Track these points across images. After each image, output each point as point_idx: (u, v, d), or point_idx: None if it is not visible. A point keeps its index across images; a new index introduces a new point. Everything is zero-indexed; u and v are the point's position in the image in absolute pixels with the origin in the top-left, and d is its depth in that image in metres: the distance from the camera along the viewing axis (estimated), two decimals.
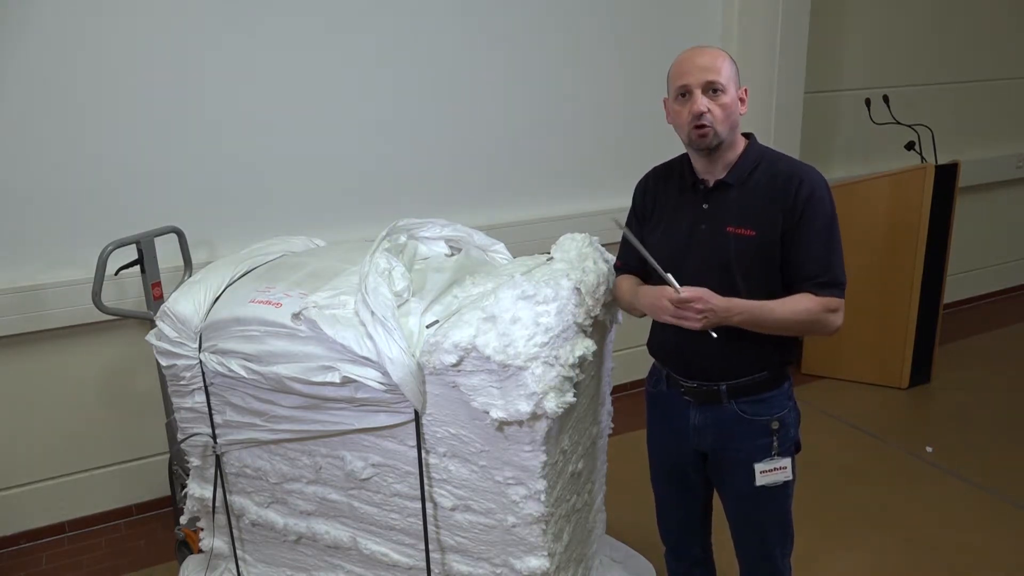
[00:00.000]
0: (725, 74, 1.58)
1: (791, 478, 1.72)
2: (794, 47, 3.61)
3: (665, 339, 1.76)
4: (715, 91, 1.58)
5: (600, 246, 1.97)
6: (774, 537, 1.78)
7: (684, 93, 1.62)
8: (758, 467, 1.69)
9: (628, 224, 1.84)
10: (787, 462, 1.71)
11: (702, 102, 1.58)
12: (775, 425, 1.69)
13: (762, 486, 1.70)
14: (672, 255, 1.66)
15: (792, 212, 1.58)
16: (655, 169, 1.88)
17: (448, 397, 1.65)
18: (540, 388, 1.53)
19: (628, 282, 1.82)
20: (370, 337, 1.65)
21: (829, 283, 1.59)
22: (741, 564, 1.86)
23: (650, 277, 1.74)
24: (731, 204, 1.64)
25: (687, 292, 1.54)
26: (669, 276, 1.57)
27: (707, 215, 1.66)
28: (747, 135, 1.70)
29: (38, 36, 2.49)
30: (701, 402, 1.72)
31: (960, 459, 3.14)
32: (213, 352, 1.92)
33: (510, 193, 3.41)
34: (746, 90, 1.66)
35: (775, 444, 1.70)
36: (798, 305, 1.58)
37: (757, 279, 1.61)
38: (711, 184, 1.67)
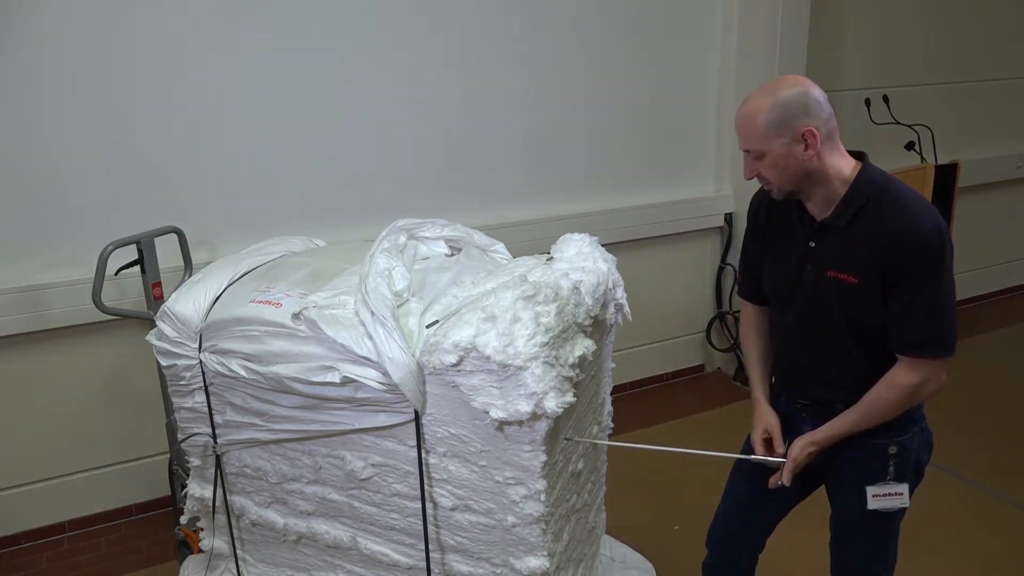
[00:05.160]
0: (756, 138, 1.48)
1: (907, 505, 1.62)
2: (794, 47, 3.61)
3: (780, 359, 1.75)
4: (756, 157, 1.51)
5: (600, 246, 1.97)
6: (873, 559, 1.72)
7: None
8: (870, 490, 1.61)
9: (744, 242, 1.81)
10: (904, 488, 1.61)
11: (748, 169, 1.54)
12: (892, 449, 1.60)
13: (873, 510, 1.62)
14: (779, 294, 1.66)
15: (893, 268, 1.45)
16: None
17: (448, 397, 1.65)
18: (540, 388, 1.53)
19: (748, 322, 1.82)
20: (370, 337, 1.65)
21: (933, 345, 1.48)
22: None
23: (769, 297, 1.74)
24: (836, 245, 1.52)
25: (786, 479, 1.61)
26: (769, 459, 1.66)
27: (813, 255, 1.57)
28: (860, 156, 1.55)
29: (38, 36, 2.49)
30: (816, 416, 1.67)
31: (960, 459, 3.14)
32: (213, 352, 1.92)
33: (510, 193, 3.40)
34: (805, 132, 1.45)
35: (891, 468, 1.61)
36: (881, 398, 1.52)
37: (868, 331, 1.53)
38: (817, 222, 1.56)
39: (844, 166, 1.52)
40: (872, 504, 1.62)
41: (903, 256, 1.43)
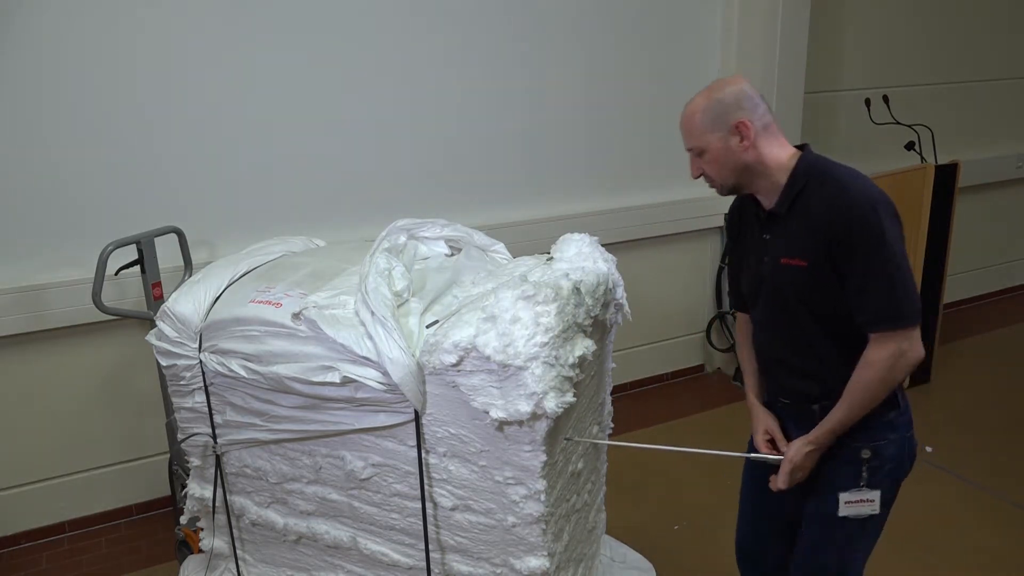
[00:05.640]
0: (695, 134, 1.55)
1: (876, 512, 1.59)
2: (794, 47, 3.61)
3: (760, 357, 1.75)
4: (698, 154, 1.57)
5: (600, 246, 1.97)
6: (827, 572, 1.67)
7: None
8: (843, 497, 1.59)
9: (726, 247, 1.84)
10: (875, 495, 1.58)
11: (693, 168, 1.60)
12: (866, 454, 1.57)
13: (844, 516, 1.60)
14: (750, 292, 1.68)
15: (840, 244, 1.46)
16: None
17: (448, 397, 1.65)
18: (540, 388, 1.53)
19: (741, 331, 1.82)
20: (370, 337, 1.65)
21: (893, 317, 1.46)
22: None
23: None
24: (784, 233, 1.56)
25: (780, 482, 1.61)
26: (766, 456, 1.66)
27: (768, 246, 1.60)
28: (801, 147, 1.58)
29: (38, 36, 2.49)
30: (795, 417, 1.67)
31: (960, 459, 3.14)
32: (213, 352, 1.92)
33: (510, 193, 3.40)
34: (739, 124, 1.51)
35: (864, 474, 1.57)
36: (861, 379, 1.50)
37: (828, 314, 1.53)
38: (766, 213, 1.60)
39: (782, 155, 1.55)
40: (843, 511, 1.59)
41: (844, 234, 1.45)
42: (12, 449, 2.75)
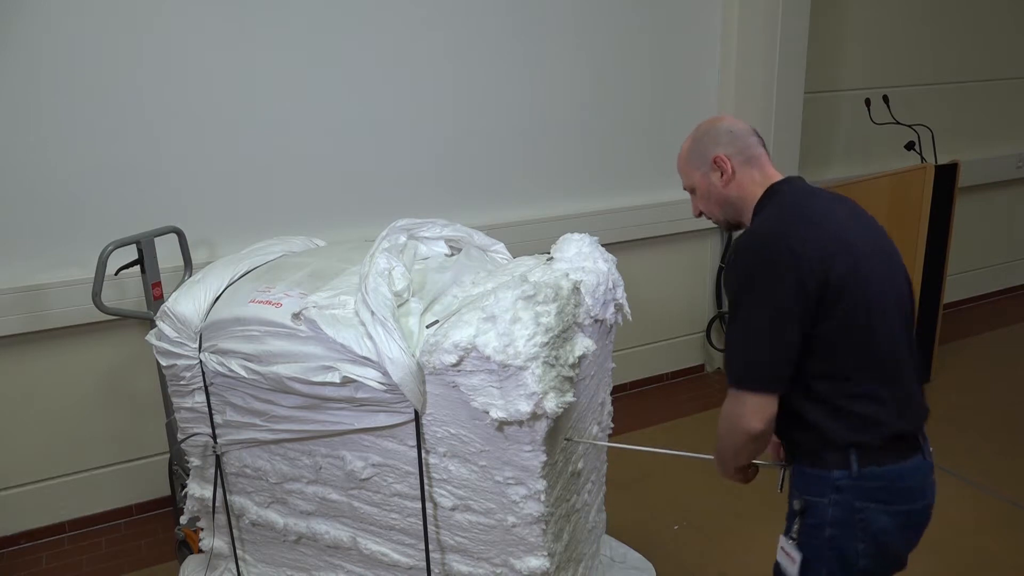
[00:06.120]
0: (685, 173, 1.58)
1: None
2: (794, 47, 3.61)
3: None
4: (691, 192, 1.60)
5: (600, 246, 1.97)
6: None
7: None
8: (781, 539, 1.49)
9: None
10: (797, 558, 1.43)
11: (693, 207, 1.61)
12: (797, 505, 1.44)
13: (776, 561, 1.51)
14: None
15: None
16: None
17: (448, 397, 1.65)
18: (540, 388, 1.53)
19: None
20: (370, 337, 1.65)
21: (728, 373, 1.36)
22: None
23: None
24: None
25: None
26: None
27: None
28: (770, 189, 1.48)
29: (38, 36, 2.49)
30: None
31: (960, 459, 3.14)
32: (213, 352, 1.92)
33: (510, 193, 3.40)
34: (715, 159, 1.49)
35: (795, 528, 1.45)
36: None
37: None
38: None
39: (757, 190, 1.49)
40: (777, 554, 1.50)
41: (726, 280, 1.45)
42: (12, 449, 2.75)
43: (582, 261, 1.84)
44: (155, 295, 2.48)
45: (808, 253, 1.31)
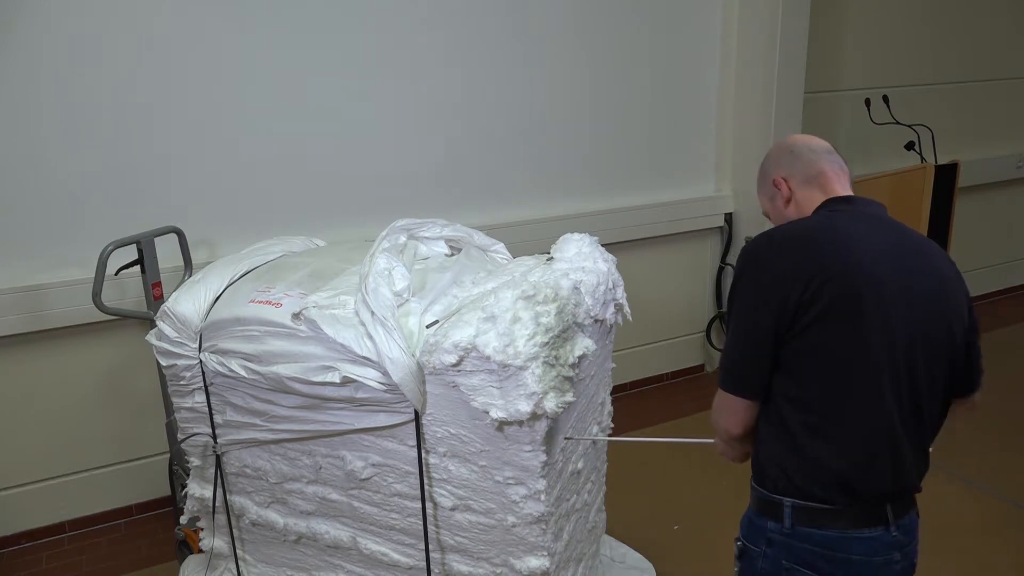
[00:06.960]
0: (760, 199, 1.55)
1: None
2: (794, 47, 3.61)
3: None
4: (767, 216, 1.56)
5: (600, 246, 1.97)
6: None
7: None
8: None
9: None
10: None
11: None
12: (737, 545, 1.40)
13: None
14: None
15: None
16: None
17: (448, 397, 1.65)
18: (540, 388, 1.53)
19: None
20: (370, 337, 1.65)
21: (720, 368, 1.38)
22: None
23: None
24: None
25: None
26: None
27: None
28: (821, 204, 1.41)
29: (38, 36, 2.49)
30: None
31: (960, 459, 3.13)
32: (213, 352, 1.92)
33: (510, 193, 3.40)
34: (775, 181, 1.47)
35: (736, 570, 1.41)
36: None
37: None
38: None
39: (809, 210, 1.42)
40: None
41: None
42: (12, 449, 2.75)
43: (582, 261, 1.84)
44: (155, 295, 2.48)
45: (790, 272, 1.25)
